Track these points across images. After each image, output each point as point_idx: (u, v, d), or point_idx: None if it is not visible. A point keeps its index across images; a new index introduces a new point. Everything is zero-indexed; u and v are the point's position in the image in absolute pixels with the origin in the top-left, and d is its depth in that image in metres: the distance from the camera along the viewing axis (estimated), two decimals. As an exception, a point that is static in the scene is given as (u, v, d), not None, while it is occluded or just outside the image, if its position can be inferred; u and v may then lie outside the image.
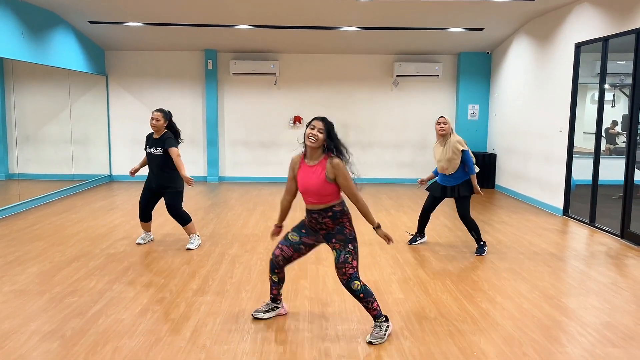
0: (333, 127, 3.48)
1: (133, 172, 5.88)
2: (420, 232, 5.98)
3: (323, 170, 3.42)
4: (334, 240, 3.53)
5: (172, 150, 5.44)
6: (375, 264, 5.18)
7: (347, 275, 3.45)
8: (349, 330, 3.62)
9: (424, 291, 4.42)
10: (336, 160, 3.41)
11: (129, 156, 10.91)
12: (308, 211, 3.57)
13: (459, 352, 3.32)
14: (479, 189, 5.48)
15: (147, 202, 5.77)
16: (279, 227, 3.83)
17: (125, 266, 5.02)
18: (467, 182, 5.51)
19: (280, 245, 3.69)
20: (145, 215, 5.82)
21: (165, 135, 5.50)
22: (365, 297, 3.46)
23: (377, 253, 5.56)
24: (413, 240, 5.97)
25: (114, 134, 10.90)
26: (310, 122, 3.46)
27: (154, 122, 5.47)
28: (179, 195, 5.72)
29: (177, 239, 6.06)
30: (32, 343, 3.37)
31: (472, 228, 5.54)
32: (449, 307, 4.06)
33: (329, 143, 3.43)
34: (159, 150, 5.47)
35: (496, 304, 4.14)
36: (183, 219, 5.75)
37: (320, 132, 3.40)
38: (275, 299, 3.83)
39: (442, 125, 5.53)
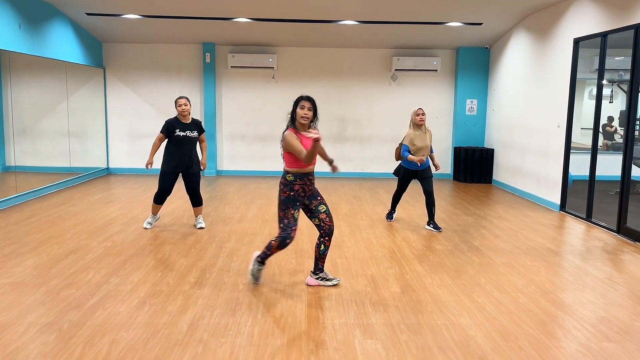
0: (315, 104, 4.07)
1: (151, 164, 6.07)
2: (394, 209, 6.95)
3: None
4: (319, 197, 4.25)
5: (204, 135, 6.25)
6: (372, 258, 5.19)
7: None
8: (346, 324, 3.63)
9: (421, 285, 4.43)
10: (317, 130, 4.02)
11: (127, 149, 10.90)
12: (306, 175, 4.08)
13: (455, 346, 3.33)
14: (438, 164, 6.97)
15: (171, 186, 6.09)
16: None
17: (122, 259, 5.02)
18: (428, 164, 6.53)
19: (293, 228, 4.09)
20: (164, 199, 6.15)
21: (197, 120, 6.09)
22: None
23: (374, 248, 5.57)
24: (390, 216, 6.91)
25: (112, 127, 10.86)
26: (298, 102, 4.04)
27: (183, 107, 5.88)
28: (200, 176, 6.33)
29: (174, 232, 6.06)
30: (29, 335, 3.38)
31: (434, 204, 6.37)
32: (445, 301, 4.08)
33: (314, 119, 4.08)
34: (194, 134, 5.99)
35: (493, 299, 4.15)
36: (201, 199, 6.27)
37: (310, 111, 4.03)
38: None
39: (422, 116, 6.27)
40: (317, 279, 4.36)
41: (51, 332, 3.43)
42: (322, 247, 4.28)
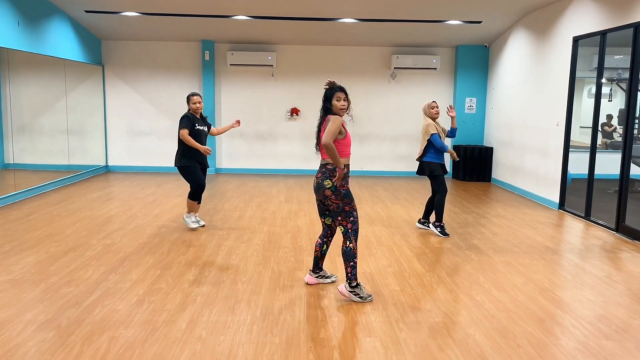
0: (347, 93, 4.07)
1: (209, 149, 6.02)
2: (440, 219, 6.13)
3: None
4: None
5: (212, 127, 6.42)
6: (371, 256, 5.19)
7: None
8: (344, 321, 3.64)
9: (420, 283, 4.44)
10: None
11: (126, 147, 10.89)
12: (349, 164, 4.02)
13: (454, 344, 3.34)
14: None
15: (204, 178, 6.13)
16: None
17: (121, 257, 5.02)
18: None
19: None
20: (201, 194, 6.15)
21: (203, 115, 6.18)
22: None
23: (373, 245, 5.58)
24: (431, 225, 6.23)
25: (110, 125, 10.85)
26: (333, 94, 4.00)
27: (198, 104, 5.98)
28: None
29: (174, 230, 6.06)
30: (27, 333, 3.37)
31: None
32: (444, 299, 4.08)
33: (349, 107, 4.12)
34: (205, 128, 6.15)
35: (491, 297, 4.15)
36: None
37: (346, 101, 4.05)
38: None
39: (437, 109, 6.06)
40: (316, 277, 4.36)
41: (50, 329, 3.43)
42: (325, 247, 4.28)
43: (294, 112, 10.78)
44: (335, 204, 3.98)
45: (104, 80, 10.71)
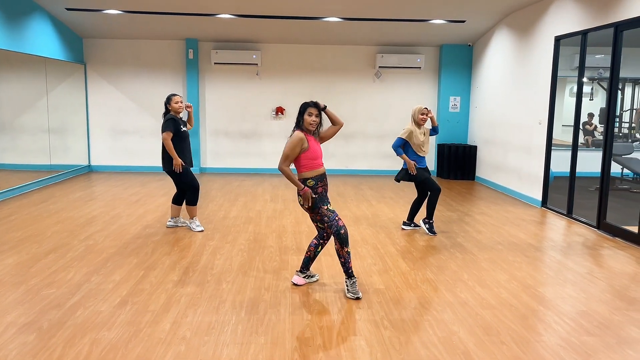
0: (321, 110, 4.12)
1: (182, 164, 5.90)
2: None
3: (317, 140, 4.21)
4: (328, 201, 4.17)
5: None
6: (356, 254, 5.20)
7: None
8: (329, 321, 3.64)
9: (405, 282, 4.45)
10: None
11: (109, 146, 10.77)
12: (322, 175, 4.11)
13: (438, 341, 3.35)
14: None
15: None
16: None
17: (104, 257, 4.96)
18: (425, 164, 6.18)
19: (337, 217, 4.08)
20: (198, 195, 6.12)
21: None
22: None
23: (358, 244, 5.58)
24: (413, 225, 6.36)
25: (93, 124, 10.72)
26: (305, 109, 4.05)
27: (180, 104, 5.89)
28: None
29: (157, 231, 6.00)
30: (8, 335, 3.32)
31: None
32: (429, 297, 4.10)
33: (320, 124, 4.15)
34: (187, 128, 6.06)
35: (475, 294, 4.19)
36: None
37: (317, 117, 4.08)
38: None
39: (426, 116, 5.98)
40: (304, 277, 4.36)
41: (31, 331, 3.38)
42: (320, 248, 4.30)
43: (279, 111, 10.75)
44: (315, 213, 4.11)
45: (86, 79, 10.57)
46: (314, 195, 4.04)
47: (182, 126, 5.90)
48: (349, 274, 4.08)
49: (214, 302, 3.92)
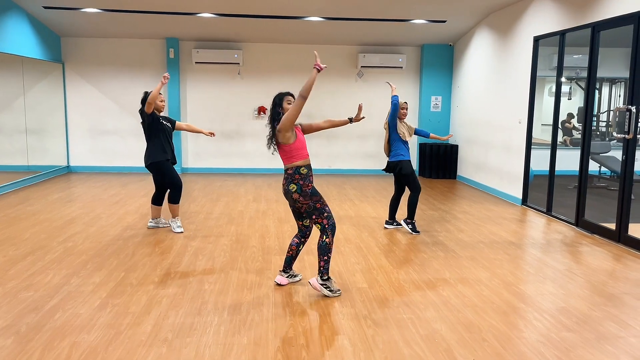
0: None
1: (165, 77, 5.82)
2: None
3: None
4: None
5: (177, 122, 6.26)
6: (339, 253, 5.20)
7: None
8: (312, 320, 3.63)
9: (387, 280, 4.47)
10: None
11: (88, 146, 10.62)
12: (310, 166, 4.11)
13: (420, 339, 3.37)
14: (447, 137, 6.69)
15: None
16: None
17: (83, 259, 4.89)
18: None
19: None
20: (181, 193, 6.06)
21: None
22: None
23: (341, 243, 5.59)
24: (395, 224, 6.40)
25: (72, 124, 10.56)
26: (283, 98, 4.16)
27: (162, 102, 5.87)
28: None
29: (137, 233, 5.94)
30: (-16, 340, 3.25)
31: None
32: (411, 296, 4.12)
33: None
34: (170, 125, 6.00)
35: (457, 292, 4.22)
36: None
37: None
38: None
39: (405, 110, 6.11)
40: (287, 277, 4.34)
41: (8, 335, 3.31)
42: (301, 246, 4.29)
43: (261, 110, 10.71)
44: (306, 204, 4.02)
45: (64, 78, 10.41)
46: (310, 184, 4.00)
47: (163, 121, 5.86)
48: (327, 273, 4.06)
49: (196, 303, 3.89)
